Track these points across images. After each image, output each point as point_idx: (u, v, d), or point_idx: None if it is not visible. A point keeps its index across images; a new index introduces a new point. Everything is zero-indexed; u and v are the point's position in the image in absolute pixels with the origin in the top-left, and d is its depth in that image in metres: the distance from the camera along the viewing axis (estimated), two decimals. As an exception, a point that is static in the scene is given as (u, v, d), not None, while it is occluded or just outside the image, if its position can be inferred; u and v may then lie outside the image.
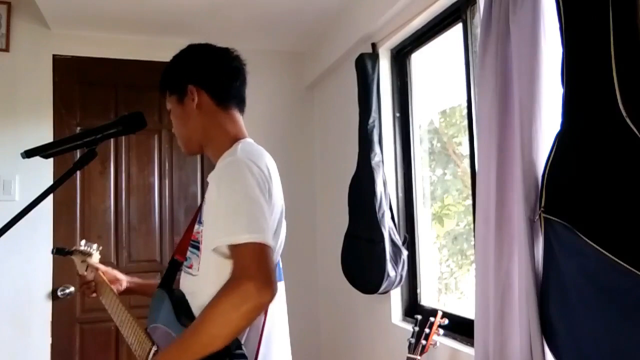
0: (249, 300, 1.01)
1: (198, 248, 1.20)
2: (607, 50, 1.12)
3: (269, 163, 1.23)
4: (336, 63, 2.87)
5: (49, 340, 2.69)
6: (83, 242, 1.70)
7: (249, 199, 1.09)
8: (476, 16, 1.85)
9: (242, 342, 1.11)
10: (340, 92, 2.92)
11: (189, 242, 1.26)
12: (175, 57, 1.37)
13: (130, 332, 1.34)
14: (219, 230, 1.11)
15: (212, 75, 1.31)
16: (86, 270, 1.62)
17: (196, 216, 1.27)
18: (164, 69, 1.37)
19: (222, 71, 1.33)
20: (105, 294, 1.53)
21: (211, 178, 1.17)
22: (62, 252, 1.72)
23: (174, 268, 1.31)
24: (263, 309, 1.06)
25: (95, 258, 1.65)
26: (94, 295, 1.59)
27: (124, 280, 1.61)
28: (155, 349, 1.20)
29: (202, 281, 1.17)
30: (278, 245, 1.25)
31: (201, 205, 1.23)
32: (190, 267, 1.22)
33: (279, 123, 3.27)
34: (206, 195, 1.19)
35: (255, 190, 1.11)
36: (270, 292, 1.02)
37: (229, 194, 1.11)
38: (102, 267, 1.61)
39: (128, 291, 1.61)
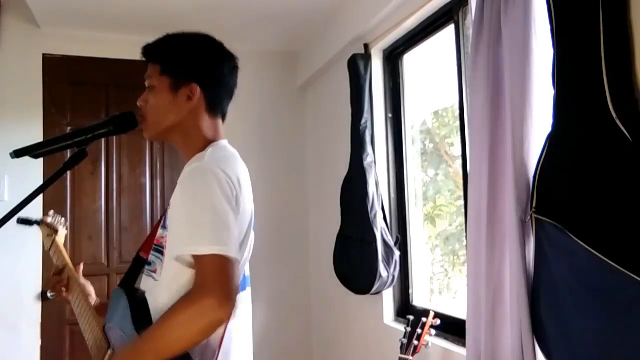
0: (206, 315, 0.99)
1: (162, 253, 1.16)
2: (597, 52, 1.13)
3: (240, 170, 1.17)
4: (328, 63, 2.87)
5: (38, 342, 2.67)
6: (51, 212, 1.59)
7: (213, 208, 1.05)
8: (468, 17, 1.85)
9: (198, 357, 1.08)
10: (332, 93, 2.92)
11: (153, 241, 1.22)
12: (188, 41, 1.27)
13: (88, 328, 1.31)
14: (182, 238, 1.07)
15: (219, 83, 1.26)
16: (50, 249, 1.50)
17: (162, 219, 1.22)
18: (166, 39, 1.26)
19: (227, 84, 1.28)
20: (75, 294, 1.39)
21: (178, 182, 1.13)
22: (27, 222, 1.54)
23: (138, 266, 1.26)
24: (220, 325, 1.03)
25: (61, 234, 1.53)
26: (64, 293, 1.40)
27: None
28: (111, 352, 1.20)
29: (162, 287, 1.13)
30: (245, 255, 1.21)
31: (166, 209, 1.19)
32: (154, 272, 1.18)
33: (271, 123, 3.26)
34: (171, 200, 1.15)
35: (221, 199, 1.06)
36: (228, 309, 1.00)
37: (192, 203, 1.07)
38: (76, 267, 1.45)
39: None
